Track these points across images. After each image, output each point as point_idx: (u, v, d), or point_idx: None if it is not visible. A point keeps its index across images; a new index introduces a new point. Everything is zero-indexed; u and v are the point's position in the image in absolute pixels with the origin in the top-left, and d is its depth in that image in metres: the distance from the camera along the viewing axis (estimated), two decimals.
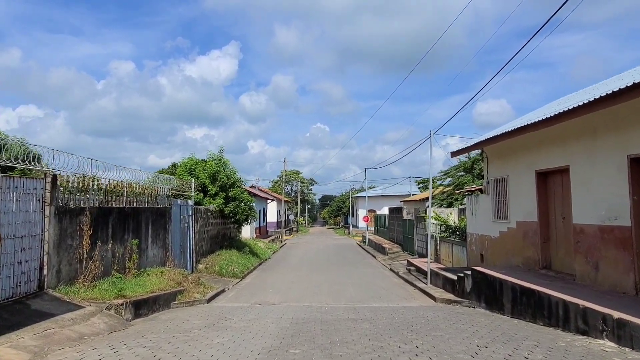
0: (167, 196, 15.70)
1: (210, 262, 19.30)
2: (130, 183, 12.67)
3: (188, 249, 17.96)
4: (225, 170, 22.46)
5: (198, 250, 19.00)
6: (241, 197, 22.59)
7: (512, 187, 12.25)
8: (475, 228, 14.86)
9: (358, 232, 52.53)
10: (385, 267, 22.70)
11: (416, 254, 24.29)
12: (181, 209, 17.08)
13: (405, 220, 27.92)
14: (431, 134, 15.88)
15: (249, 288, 16.36)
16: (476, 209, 14.77)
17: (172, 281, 12.84)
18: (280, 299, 13.88)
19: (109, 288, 9.55)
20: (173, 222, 15.95)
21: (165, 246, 15.09)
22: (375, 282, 17.58)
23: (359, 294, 14.63)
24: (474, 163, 25.88)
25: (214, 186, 21.74)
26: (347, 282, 17.34)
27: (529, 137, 10.67)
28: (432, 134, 15.87)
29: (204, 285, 14.80)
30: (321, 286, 16.42)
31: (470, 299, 11.80)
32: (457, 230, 18.14)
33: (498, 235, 13.08)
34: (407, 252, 26.44)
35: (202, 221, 19.57)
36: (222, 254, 21.16)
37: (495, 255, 13.26)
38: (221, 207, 21.61)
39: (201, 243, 19.47)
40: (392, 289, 15.71)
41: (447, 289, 13.69)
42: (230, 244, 23.55)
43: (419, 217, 24.08)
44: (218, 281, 17.30)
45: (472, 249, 15.13)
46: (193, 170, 21.74)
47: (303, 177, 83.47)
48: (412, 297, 14.03)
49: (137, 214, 12.86)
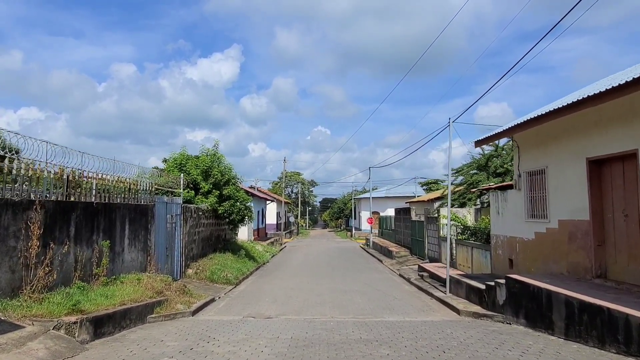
0: (150, 192, 13.80)
1: (201, 267, 17.39)
2: (102, 174, 10.77)
3: (175, 252, 16.05)
4: (220, 166, 20.56)
5: (187, 254, 17.09)
6: (236, 195, 20.68)
7: (553, 179, 10.34)
8: (502, 229, 12.95)
9: (361, 235, 50.58)
10: (394, 273, 20.77)
11: (427, 258, 22.36)
12: (167, 207, 15.18)
13: (414, 222, 26.00)
14: (450, 123, 14.00)
15: (243, 297, 14.44)
16: (503, 207, 12.86)
17: (150, 290, 10.93)
18: (278, 310, 11.97)
19: (62, 301, 7.63)
20: (157, 222, 14.05)
21: (147, 249, 13.18)
22: (385, 290, 15.65)
23: (369, 305, 12.71)
24: (489, 160, 23.97)
25: (206, 183, 19.84)
26: (354, 290, 15.41)
27: (579, 117, 8.78)
28: (450, 123, 14.00)
29: (190, 294, 12.88)
30: (324, 295, 14.50)
31: (504, 313, 9.88)
32: (476, 231, 16.22)
33: (533, 237, 11.16)
34: (417, 256, 24.51)
35: (193, 221, 17.67)
36: (215, 257, 19.25)
37: (529, 260, 11.34)
38: (214, 207, 19.71)
39: (191, 245, 17.56)
40: (405, 299, 13.79)
41: (472, 300, 11.77)
42: (224, 247, 21.63)
43: (430, 218, 22.16)
44: (208, 288, 15.39)
45: (498, 253, 13.21)
46: (183, 165, 19.83)
47: (304, 179, 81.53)
48: (430, 309, 12.11)
49: (110, 210, 10.95)
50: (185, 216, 16.81)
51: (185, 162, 19.94)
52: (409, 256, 25.46)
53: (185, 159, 20.07)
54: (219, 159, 20.93)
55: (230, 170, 21.19)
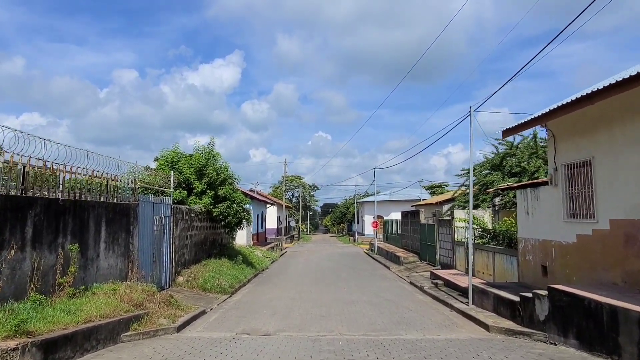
0: (133, 190, 12.25)
1: (194, 274, 15.79)
2: (71, 167, 9.21)
3: (164, 257, 14.47)
4: (215, 164, 19.01)
5: (178, 260, 15.51)
6: (233, 196, 19.11)
7: (602, 171, 8.76)
8: (533, 231, 11.35)
9: (364, 240, 48.92)
10: (404, 280, 19.15)
11: (438, 264, 20.73)
12: (155, 207, 13.62)
13: (423, 225, 24.37)
14: (471, 111, 12.47)
15: (238, 308, 12.84)
16: (534, 207, 11.27)
17: (127, 302, 9.35)
18: (277, 325, 10.36)
19: (1, 320, 6.04)
20: (141, 224, 12.49)
21: (128, 254, 11.60)
22: (397, 300, 14.04)
23: (381, 318, 11.10)
24: (504, 159, 22.37)
25: (200, 183, 18.28)
26: (362, 301, 13.80)
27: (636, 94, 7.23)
28: (471, 111, 12.47)
29: (177, 306, 11.29)
30: (329, 306, 12.89)
31: (545, 330, 8.28)
32: (497, 234, 14.63)
33: (574, 241, 9.57)
34: (426, 261, 22.88)
35: (184, 224, 16.10)
36: (210, 263, 17.65)
37: (569, 267, 9.73)
38: (209, 208, 18.13)
39: (182, 250, 15.98)
40: (422, 311, 12.18)
41: (502, 313, 10.17)
42: (220, 252, 20.03)
43: (442, 221, 20.55)
44: (200, 298, 13.80)
45: (527, 259, 11.60)
46: (175, 163, 18.29)
47: (305, 182, 79.88)
48: (453, 324, 10.50)
49: (81, 209, 9.39)
50: (175, 218, 15.25)
51: (177, 160, 18.39)
52: (418, 262, 23.84)
53: (178, 157, 18.53)
54: (215, 157, 19.39)
55: (227, 170, 19.65)
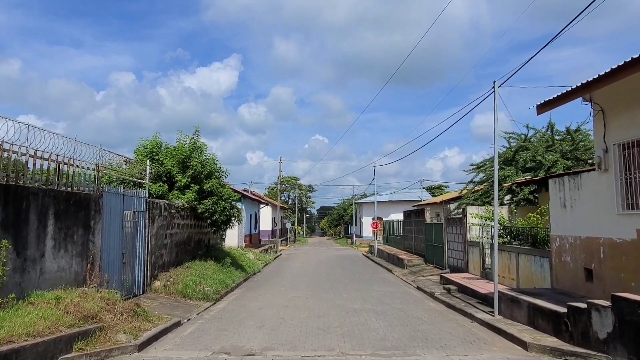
0: (96, 178, 10.33)
1: (173, 278, 13.86)
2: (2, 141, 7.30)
3: (137, 259, 12.55)
4: (201, 156, 17.10)
5: (155, 262, 13.57)
6: (220, 191, 17.18)
7: None
8: (573, 227, 9.49)
9: (363, 242, 47.01)
10: (409, 285, 17.25)
11: (447, 267, 18.86)
12: (125, 200, 11.71)
13: (429, 225, 22.48)
14: (495, 86, 10.64)
15: (220, 318, 10.91)
16: (574, 198, 9.42)
17: (74, 314, 7.42)
18: (265, 340, 8.46)
19: None
20: (106, 219, 10.56)
21: (87, 254, 9.67)
22: (406, 308, 12.14)
23: (391, 332, 9.20)
24: (517, 153, 20.57)
25: (183, 176, 16.36)
26: (366, 309, 11.90)
27: None
28: (496, 87, 10.64)
29: (144, 317, 9.35)
30: (328, 316, 10.99)
31: (608, 352, 6.42)
32: (520, 233, 12.77)
33: (633, 238, 7.71)
34: (433, 264, 21.00)
35: (163, 220, 14.16)
36: (194, 266, 15.71)
37: (626, 271, 7.86)
38: (193, 204, 16.20)
39: (160, 251, 14.04)
40: (438, 322, 10.28)
41: (540, 327, 8.30)
42: (206, 254, 18.08)
43: (452, 220, 18.67)
44: (178, 306, 11.87)
45: (565, 261, 9.73)
46: (155, 154, 16.37)
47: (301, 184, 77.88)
48: (478, 339, 8.61)
49: (15, 197, 7.47)
50: (152, 214, 13.33)
51: (157, 150, 16.48)
52: (423, 265, 21.94)
53: (158, 146, 16.61)
54: (200, 148, 17.47)
55: (214, 162, 17.73)
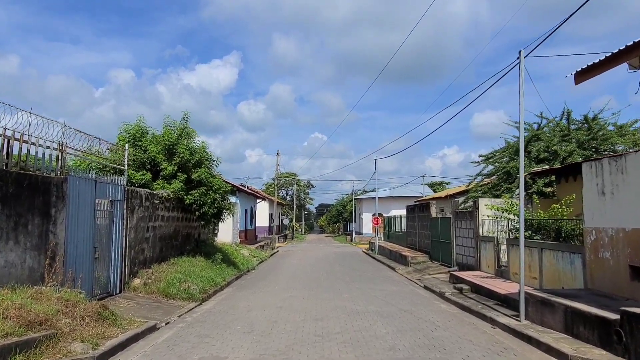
0: (58, 159, 8.92)
1: (155, 276, 12.49)
2: None
3: (113, 254, 11.18)
4: (189, 143, 15.71)
5: (134, 257, 12.20)
6: (210, 181, 15.77)
7: None
8: (614, 218, 8.13)
9: (363, 239, 45.64)
10: (415, 284, 15.89)
11: (455, 264, 17.50)
12: (98, 187, 10.32)
13: (435, 220, 21.09)
14: (521, 56, 9.26)
15: (204, 321, 9.53)
16: (618, 183, 8.05)
17: (12, 321, 6.03)
18: (252, 350, 7.10)
19: None
20: (72, 207, 9.18)
21: (45, 247, 8.27)
22: (416, 310, 10.78)
23: (401, 339, 7.84)
24: (529, 143, 19.16)
25: (169, 164, 14.98)
26: (370, 311, 10.53)
27: None
28: (522, 56, 9.26)
29: (112, 321, 7.97)
30: (328, 319, 9.62)
31: None
32: (543, 226, 11.38)
33: None
34: (439, 262, 19.64)
35: (144, 211, 12.78)
36: (180, 262, 14.34)
37: None
38: (180, 195, 14.81)
39: (141, 245, 12.66)
40: (453, 327, 8.92)
41: (583, 337, 6.94)
42: (195, 249, 16.71)
43: (461, 214, 17.29)
44: (158, 307, 10.50)
45: (604, 257, 8.36)
46: (139, 140, 14.98)
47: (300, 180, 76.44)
48: (506, 349, 7.26)
49: None
50: (131, 204, 11.95)
51: (140, 135, 15.07)
52: (428, 262, 20.58)
53: (142, 132, 15.21)
54: (189, 134, 16.09)
55: (204, 150, 16.34)
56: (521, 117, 9.27)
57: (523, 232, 9.01)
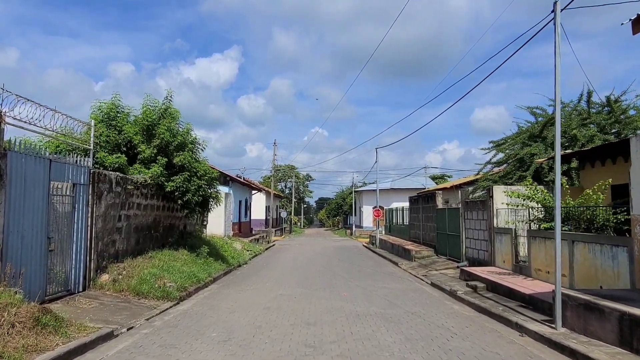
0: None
1: (127, 271, 10.97)
2: None
3: (75, 246, 9.65)
4: (171, 124, 14.11)
5: (103, 250, 10.67)
6: (195, 167, 14.21)
7: None
8: None
9: (363, 233, 44.15)
10: (421, 280, 14.36)
11: (464, 259, 15.99)
12: (53, 167, 8.78)
13: (442, 211, 19.55)
14: (556, 8, 7.67)
15: (175, 326, 8.01)
16: None
17: None
18: None
19: None
20: (15, 189, 7.64)
21: None
22: (425, 312, 9.25)
23: (412, 353, 6.32)
24: (545, 127, 17.60)
25: (148, 146, 13.42)
26: (372, 314, 9.02)
27: None
28: (557, 9, 7.67)
29: (54, 328, 6.44)
30: (323, 323, 8.10)
31: None
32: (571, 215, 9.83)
33: None
34: (446, 256, 18.14)
35: (115, 198, 11.23)
36: (158, 256, 12.80)
37: None
38: (160, 181, 13.26)
39: (112, 236, 11.13)
40: (472, 335, 7.40)
41: None
42: (179, 242, 15.17)
43: (472, 203, 15.74)
44: (123, 309, 8.98)
45: None
46: (113, 119, 13.42)
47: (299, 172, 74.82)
48: None
49: None
50: (98, 189, 10.40)
51: (115, 114, 13.50)
52: (434, 257, 19.08)
53: (116, 109, 13.63)
54: (172, 115, 14.49)
55: (189, 132, 14.77)
56: (557, 81, 7.67)
57: (559, 220, 7.48)
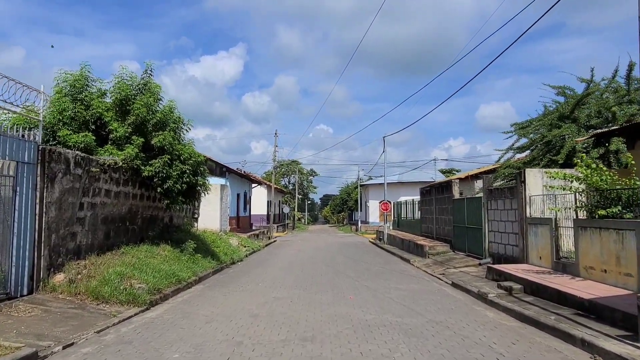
0: None
1: (89, 270, 9.11)
2: None
3: (17, 239, 7.79)
4: (150, 98, 12.16)
5: (58, 244, 8.79)
6: (177, 149, 12.29)
7: None
8: None
9: (369, 229, 42.15)
10: (439, 280, 12.40)
11: (487, 255, 14.03)
12: None
13: (459, 202, 17.53)
14: None
15: (127, 343, 6.11)
16: None
17: None
18: None
19: None
20: None
21: None
22: (453, 323, 7.30)
23: None
24: (576, 107, 15.55)
25: (122, 124, 11.52)
26: (387, 324, 7.08)
27: None
28: None
29: None
30: (322, 337, 6.17)
31: None
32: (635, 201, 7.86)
33: None
34: (464, 252, 16.17)
35: (74, 182, 9.33)
36: (134, 252, 10.91)
37: None
38: (135, 165, 11.35)
39: (70, 228, 9.23)
40: (525, 357, 5.43)
41: None
42: (161, 236, 13.27)
43: (496, 191, 13.73)
44: (72, 317, 7.11)
45: None
46: (80, 92, 11.54)
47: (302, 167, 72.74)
48: None
49: None
50: (50, 169, 8.51)
51: (81, 87, 11.61)
52: (450, 253, 17.10)
53: (84, 83, 11.74)
54: (152, 90, 12.54)
55: (171, 111, 12.84)
56: None
57: None
